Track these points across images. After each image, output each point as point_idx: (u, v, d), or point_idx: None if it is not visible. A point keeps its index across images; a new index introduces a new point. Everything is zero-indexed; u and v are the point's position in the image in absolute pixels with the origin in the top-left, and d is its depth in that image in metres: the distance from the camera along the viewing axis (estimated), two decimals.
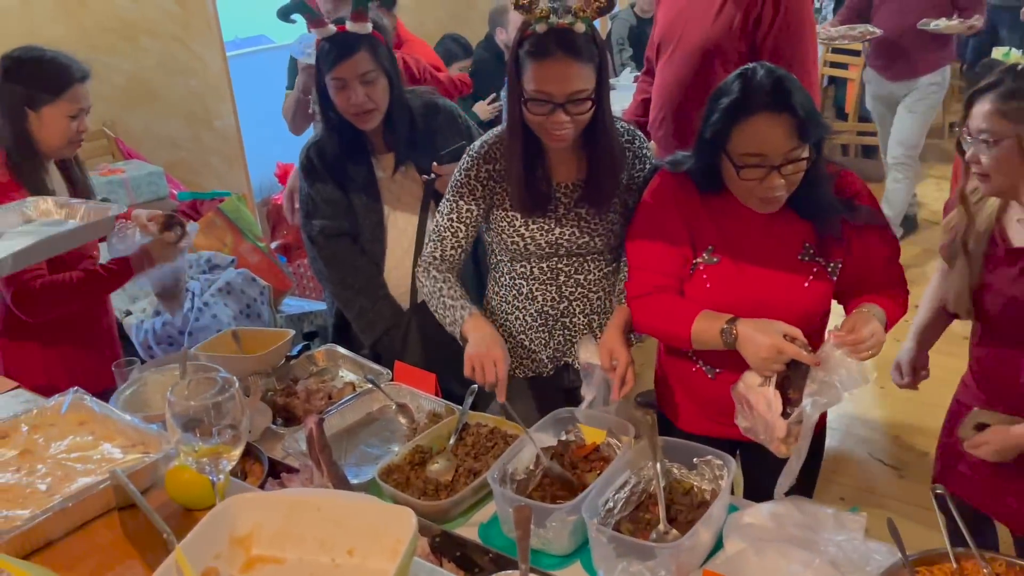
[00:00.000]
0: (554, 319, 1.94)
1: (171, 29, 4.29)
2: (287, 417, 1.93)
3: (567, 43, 1.61)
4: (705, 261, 1.67)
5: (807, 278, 1.64)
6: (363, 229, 2.18)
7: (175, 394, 1.10)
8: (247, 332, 2.21)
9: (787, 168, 1.51)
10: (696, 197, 1.67)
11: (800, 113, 1.48)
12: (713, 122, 1.55)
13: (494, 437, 1.74)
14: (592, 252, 1.88)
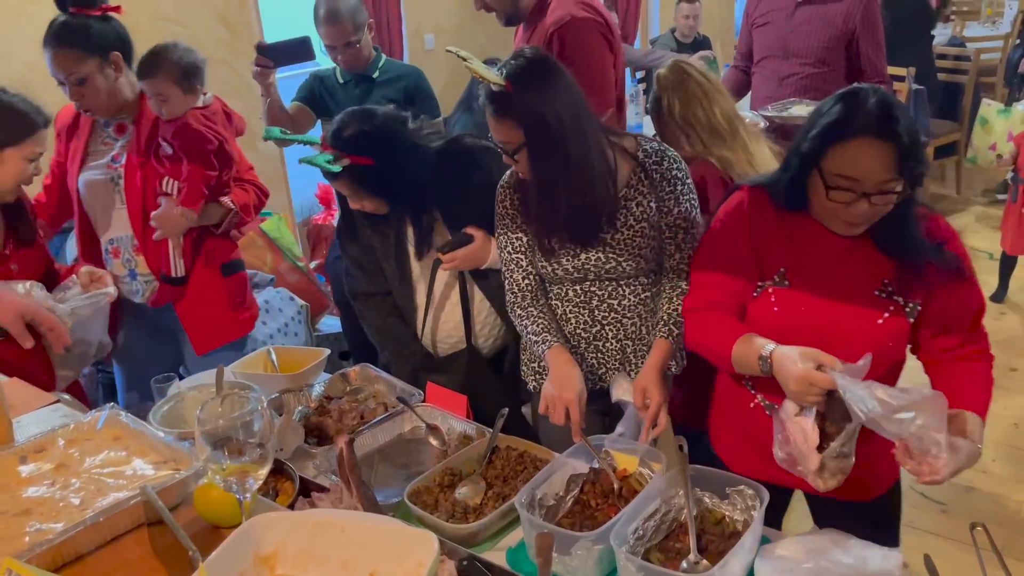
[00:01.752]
0: (587, 342, 1.93)
1: (219, 52, 4.40)
2: (319, 436, 1.94)
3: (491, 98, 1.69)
4: (775, 284, 1.62)
5: (882, 315, 1.55)
6: (392, 287, 2.22)
7: (205, 412, 1.11)
8: (283, 351, 2.24)
9: (877, 197, 1.44)
10: (772, 218, 1.61)
11: (903, 145, 1.41)
12: (812, 136, 1.49)
13: (524, 461, 1.73)
14: (624, 276, 1.86)
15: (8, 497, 1.31)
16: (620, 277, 1.86)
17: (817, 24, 3.17)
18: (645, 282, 1.89)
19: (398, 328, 2.25)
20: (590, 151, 1.72)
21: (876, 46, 3.22)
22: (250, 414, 1.10)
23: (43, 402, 1.87)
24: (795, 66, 3.25)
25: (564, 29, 2.47)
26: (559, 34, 2.47)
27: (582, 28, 2.46)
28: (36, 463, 1.39)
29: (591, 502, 1.58)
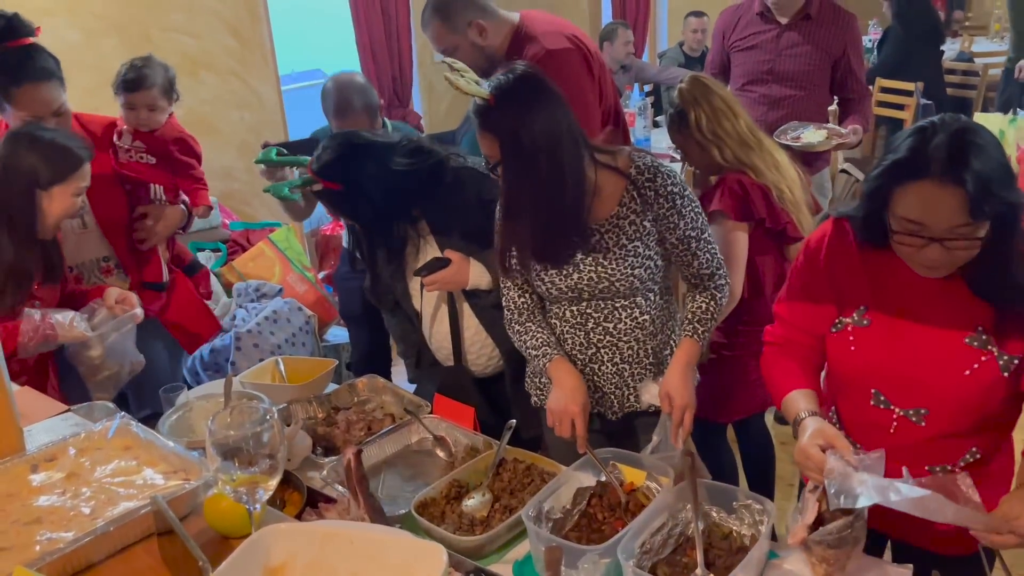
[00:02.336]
0: (583, 363, 1.91)
1: (230, 64, 4.43)
2: (327, 446, 1.95)
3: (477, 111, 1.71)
4: (854, 322, 1.51)
5: (971, 366, 1.40)
6: (397, 296, 2.27)
7: (216, 423, 1.12)
8: (291, 361, 2.25)
9: (953, 243, 1.30)
10: (855, 251, 1.49)
11: (974, 187, 1.24)
12: (874, 177, 1.37)
13: (531, 473, 1.74)
14: (619, 296, 1.84)
15: (19, 506, 1.32)
16: (615, 297, 1.84)
17: (806, 47, 3.17)
18: (643, 304, 1.85)
19: (406, 327, 2.34)
20: (563, 175, 1.69)
21: (859, 61, 3.26)
22: (260, 425, 1.11)
23: (54, 411, 1.88)
24: (785, 89, 3.24)
25: (542, 63, 2.40)
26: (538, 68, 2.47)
27: (555, 60, 2.45)
28: (47, 472, 1.40)
29: (598, 515, 1.58)
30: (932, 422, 1.46)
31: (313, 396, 2.10)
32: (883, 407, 1.51)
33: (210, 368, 3.09)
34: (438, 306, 2.20)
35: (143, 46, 4.14)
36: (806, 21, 3.18)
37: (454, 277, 2.08)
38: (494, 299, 2.10)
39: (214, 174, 4.44)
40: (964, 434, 1.46)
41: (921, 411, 1.47)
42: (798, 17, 3.18)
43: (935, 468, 1.50)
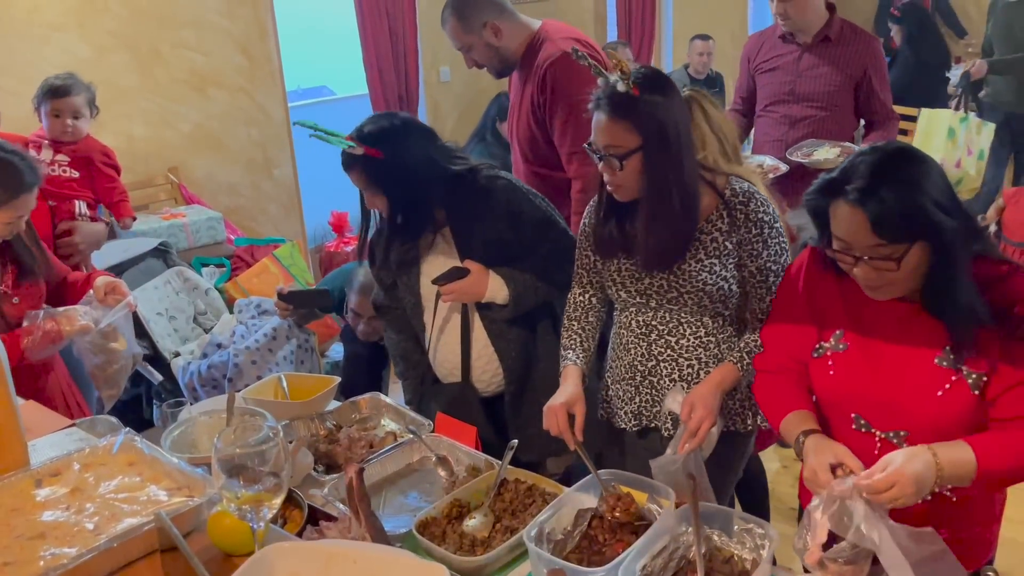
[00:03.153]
0: (642, 375, 1.92)
1: (238, 81, 4.47)
2: (329, 464, 1.95)
3: (608, 99, 1.68)
4: (832, 347, 1.55)
5: (943, 386, 1.43)
6: (406, 307, 2.26)
7: (222, 440, 1.13)
8: (293, 378, 2.25)
9: (875, 263, 1.37)
10: (832, 278, 1.54)
11: (878, 210, 1.31)
12: (810, 195, 1.44)
13: (533, 494, 1.74)
14: (685, 310, 1.84)
15: (23, 520, 1.32)
16: (682, 311, 1.85)
17: (826, 68, 3.21)
18: (710, 325, 1.85)
19: (408, 346, 2.32)
20: (695, 172, 1.76)
21: (883, 83, 3.27)
22: (265, 443, 1.12)
23: (59, 425, 1.89)
24: (806, 109, 3.28)
25: (555, 65, 2.52)
26: (551, 70, 2.52)
27: (573, 63, 2.50)
28: (51, 487, 1.40)
29: (599, 537, 1.58)
30: (912, 443, 1.47)
31: (315, 413, 2.10)
32: (864, 431, 1.53)
33: (207, 384, 3.09)
34: (449, 319, 2.19)
35: (153, 62, 4.18)
36: (826, 43, 3.21)
37: (472, 288, 2.08)
38: (507, 314, 2.12)
39: (220, 189, 4.48)
40: None
41: (901, 433, 1.49)
42: (818, 39, 3.22)
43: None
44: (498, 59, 2.65)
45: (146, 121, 4.22)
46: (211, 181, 4.47)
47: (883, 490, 1.34)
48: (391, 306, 2.31)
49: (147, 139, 4.23)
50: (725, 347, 1.86)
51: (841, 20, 3.25)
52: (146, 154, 4.22)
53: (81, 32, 3.96)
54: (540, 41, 2.62)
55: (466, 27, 2.61)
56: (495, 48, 2.63)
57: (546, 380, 2.07)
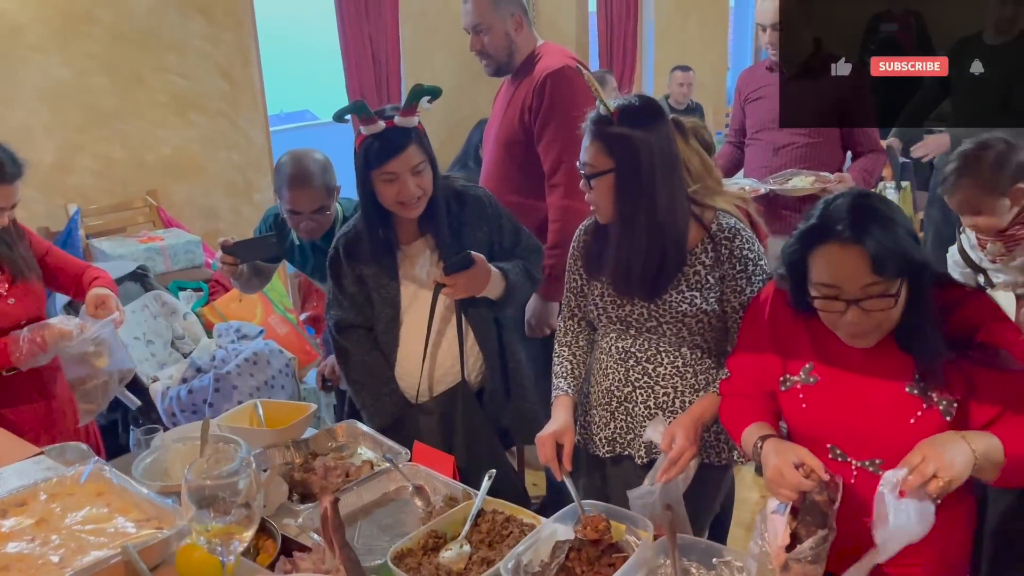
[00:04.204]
0: (618, 401, 1.93)
1: (219, 105, 4.47)
2: (304, 493, 1.92)
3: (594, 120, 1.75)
4: (802, 380, 1.56)
5: (915, 413, 1.45)
6: (378, 322, 2.21)
7: (193, 472, 1.11)
8: (270, 404, 2.22)
9: (868, 303, 1.37)
10: (797, 313, 1.55)
11: (875, 245, 1.33)
12: (789, 248, 1.46)
13: (510, 525, 1.72)
14: (664, 339, 1.85)
15: None
16: (660, 339, 1.85)
17: (810, 96, 3.25)
18: (688, 356, 1.86)
19: (379, 364, 2.21)
20: (674, 205, 1.76)
21: (868, 118, 3.28)
22: (237, 473, 1.10)
23: (27, 453, 1.85)
24: (790, 136, 3.33)
25: (556, 76, 2.57)
26: (552, 81, 2.56)
27: (574, 78, 2.55)
28: (16, 518, 1.37)
29: (576, 569, 1.56)
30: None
31: (291, 441, 2.07)
32: (841, 460, 1.54)
33: (187, 409, 3.06)
34: (447, 319, 2.18)
35: (134, 86, 4.17)
36: (809, 74, 3.23)
37: (475, 279, 2.07)
38: (496, 310, 2.15)
39: (199, 213, 4.45)
40: None
41: (876, 461, 1.50)
42: (800, 70, 3.24)
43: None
44: (507, 53, 2.68)
45: (125, 144, 4.19)
46: (190, 205, 4.45)
47: (930, 475, 1.32)
48: (358, 324, 2.23)
49: (126, 162, 4.20)
50: (702, 378, 1.86)
51: (827, 52, 3.30)
52: (125, 177, 4.20)
53: (62, 55, 3.94)
54: (539, 55, 2.69)
55: (496, 7, 2.64)
56: (511, 40, 2.67)
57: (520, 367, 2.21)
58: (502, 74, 2.76)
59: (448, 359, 2.20)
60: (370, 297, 2.20)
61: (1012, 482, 1.43)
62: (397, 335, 2.21)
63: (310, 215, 2.41)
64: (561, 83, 2.57)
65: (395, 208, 2.07)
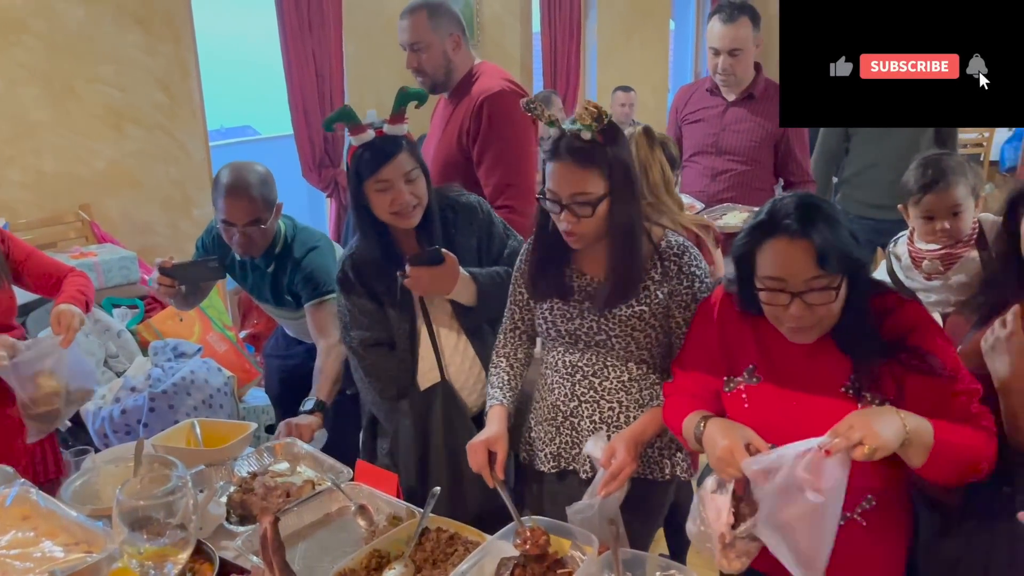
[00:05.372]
0: (563, 416, 1.92)
1: (156, 118, 4.37)
2: (243, 514, 1.88)
3: (573, 148, 1.70)
4: (745, 381, 1.62)
5: (849, 413, 1.48)
6: (397, 338, 2.17)
7: (124, 492, 1.07)
8: (207, 424, 2.18)
9: (811, 296, 1.44)
10: (742, 316, 1.62)
11: (820, 239, 1.41)
12: (739, 242, 1.53)
13: (455, 543, 1.70)
14: (612, 353, 1.86)
15: None
16: (608, 353, 1.86)
17: (748, 124, 3.31)
18: (634, 371, 1.87)
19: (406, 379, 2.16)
20: (642, 218, 1.81)
21: (802, 146, 3.36)
22: (172, 493, 1.06)
23: None
24: (727, 163, 3.37)
25: (494, 99, 2.56)
26: (489, 104, 2.56)
27: (512, 99, 2.55)
28: None
29: None
30: None
31: (230, 461, 2.03)
32: None
33: (120, 430, 2.95)
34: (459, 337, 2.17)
35: (66, 97, 4.05)
36: (750, 100, 3.32)
37: (442, 279, 2.03)
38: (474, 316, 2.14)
39: (136, 228, 4.34)
40: (857, 481, 1.50)
41: None
42: (743, 95, 3.32)
43: None
44: (444, 71, 2.66)
45: (57, 157, 4.07)
46: (126, 220, 4.33)
47: (856, 440, 1.34)
48: (383, 342, 2.17)
49: (57, 175, 4.08)
50: (647, 393, 1.88)
51: (766, 79, 3.37)
52: (56, 191, 4.07)
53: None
54: (476, 76, 2.68)
55: (434, 25, 2.62)
56: (448, 59, 2.65)
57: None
58: (438, 92, 2.74)
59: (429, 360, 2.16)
60: (386, 313, 2.16)
61: (939, 474, 1.45)
62: (416, 351, 2.16)
63: (244, 227, 2.34)
64: (498, 107, 2.57)
65: (391, 219, 2.05)
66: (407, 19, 2.65)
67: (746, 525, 1.44)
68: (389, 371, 2.16)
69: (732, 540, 1.43)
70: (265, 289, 2.56)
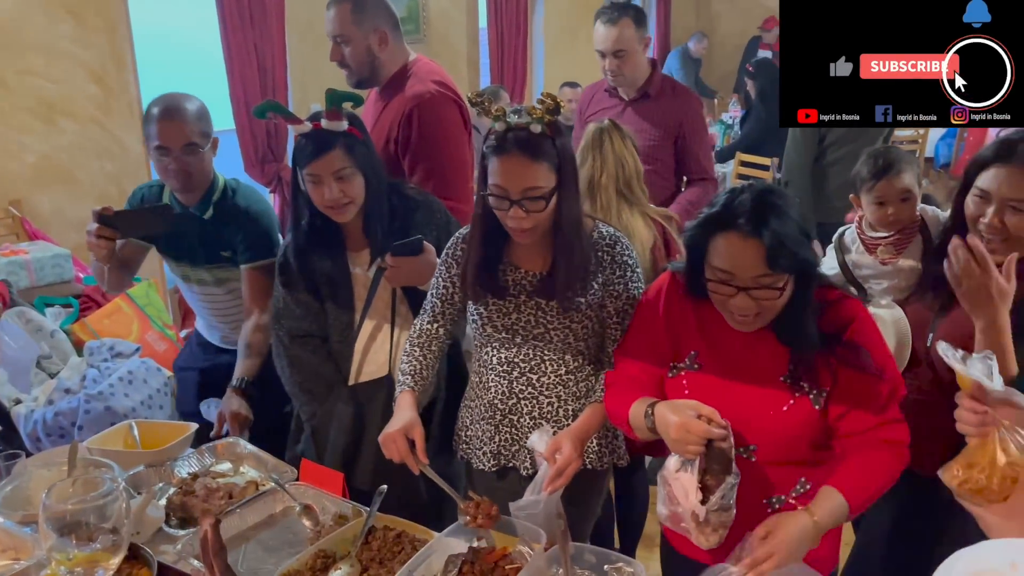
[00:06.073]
0: (502, 414, 1.90)
1: (90, 111, 4.24)
2: (183, 517, 1.83)
3: (523, 142, 1.67)
4: (687, 367, 1.63)
5: (787, 402, 1.54)
6: (332, 331, 2.14)
7: (51, 496, 1.03)
8: (146, 425, 2.12)
9: (757, 292, 1.46)
10: (688, 302, 1.63)
11: (772, 241, 1.41)
12: (691, 230, 1.53)
13: (402, 541, 1.68)
14: (550, 347, 1.85)
15: None
16: (546, 347, 1.84)
17: (645, 124, 3.24)
18: (571, 363, 1.86)
19: (334, 376, 2.14)
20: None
21: (699, 144, 3.29)
22: (103, 497, 1.02)
23: None
24: None
25: (426, 104, 2.47)
26: (420, 108, 2.46)
27: (443, 105, 2.49)
28: None
29: None
30: (761, 457, 1.55)
31: (170, 462, 1.97)
32: None
33: (53, 433, 2.84)
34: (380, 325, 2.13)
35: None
36: (645, 99, 3.25)
37: (419, 269, 2.01)
38: None
39: (69, 225, 4.20)
40: (792, 467, 1.56)
41: (751, 447, 1.56)
42: (640, 95, 3.26)
43: (771, 499, 1.58)
44: (368, 67, 2.56)
45: None
46: (59, 216, 4.19)
47: (763, 560, 1.39)
48: (314, 334, 2.15)
49: None
50: (583, 385, 1.88)
51: (662, 77, 3.28)
52: None
53: None
54: (410, 72, 2.58)
55: (357, 20, 2.50)
56: (373, 56, 2.54)
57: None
58: (364, 87, 2.64)
59: (381, 355, 2.14)
60: (324, 305, 2.13)
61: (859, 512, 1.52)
62: (352, 345, 2.13)
63: (180, 153, 2.18)
64: (429, 114, 2.47)
65: (325, 211, 2.03)
66: (332, 9, 2.53)
67: (715, 498, 1.43)
68: (313, 365, 2.14)
69: (706, 516, 1.43)
70: (197, 245, 2.37)
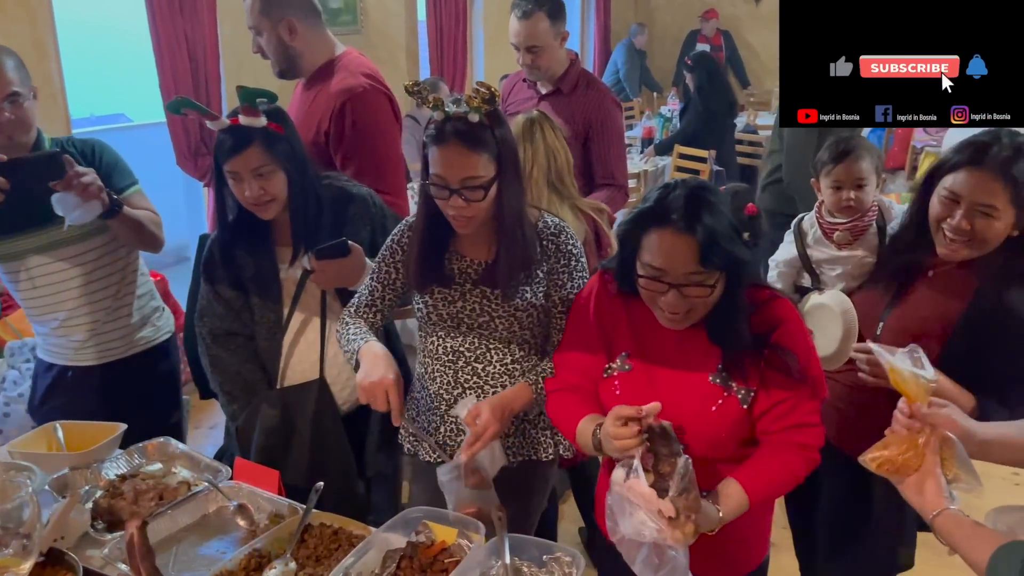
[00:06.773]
0: (447, 405, 1.88)
1: None
2: (112, 520, 1.76)
3: (462, 132, 1.65)
4: (618, 367, 1.62)
5: (716, 401, 1.54)
6: (259, 328, 2.08)
7: None
8: (71, 426, 2.04)
9: (689, 289, 1.45)
10: (619, 301, 1.62)
11: (705, 238, 1.40)
12: (624, 225, 1.52)
13: (339, 538, 1.65)
14: (494, 337, 1.83)
15: None
16: (491, 338, 1.83)
17: (558, 120, 2.95)
18: (516, 352, 1.85)
19: (255, 376, 2.10)
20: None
21: (607, 145, 3.06)
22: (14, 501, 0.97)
23: None
24: None
25: (356, 99, 2.41)
26: (352, 102, 2.40)
27: (373, 99, 2.44)
28: None
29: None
30: (691, 455, 1.51)
31: (96, 464, 1.90)
32: None
33: None
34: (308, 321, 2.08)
35: None
36: (558, 95, 3.12)
37: (351, 271, 1.97)
38: None
39: None
40: (722, 464, 1.56)
41: (681, 446, 1.53)
42: (552, 89, 3.14)
43: (703, 494, 1.54)
44: (285, 59, 2.50)
45: None
46: None
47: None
48: (236, 332, 2.10)
49: None
50: (530, 375, 1.87)
51: (579, 71, 3.14)
52: None
53: None
54: (341, 65, 2.52)
55: (266, 10, 2.45)
56: (285, 46, 2.47)
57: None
58: (288, 78, 2.57)
59: (310, 358, 2.10)
60: (249, 302, 2.08)
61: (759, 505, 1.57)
62: (281, 343, 2.09)
63: (3, 102, 2.07)
64: (361, 109, 2.41)
65: (249, 208, 1.98)
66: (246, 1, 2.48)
67: (674, 482, 1.39)
68: (233, 366, 2.09)
69: (672, 506, 1.38)
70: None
